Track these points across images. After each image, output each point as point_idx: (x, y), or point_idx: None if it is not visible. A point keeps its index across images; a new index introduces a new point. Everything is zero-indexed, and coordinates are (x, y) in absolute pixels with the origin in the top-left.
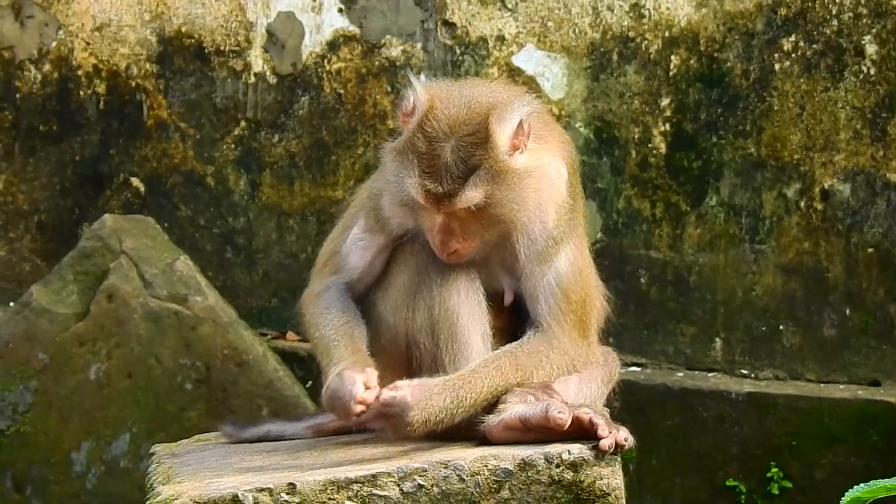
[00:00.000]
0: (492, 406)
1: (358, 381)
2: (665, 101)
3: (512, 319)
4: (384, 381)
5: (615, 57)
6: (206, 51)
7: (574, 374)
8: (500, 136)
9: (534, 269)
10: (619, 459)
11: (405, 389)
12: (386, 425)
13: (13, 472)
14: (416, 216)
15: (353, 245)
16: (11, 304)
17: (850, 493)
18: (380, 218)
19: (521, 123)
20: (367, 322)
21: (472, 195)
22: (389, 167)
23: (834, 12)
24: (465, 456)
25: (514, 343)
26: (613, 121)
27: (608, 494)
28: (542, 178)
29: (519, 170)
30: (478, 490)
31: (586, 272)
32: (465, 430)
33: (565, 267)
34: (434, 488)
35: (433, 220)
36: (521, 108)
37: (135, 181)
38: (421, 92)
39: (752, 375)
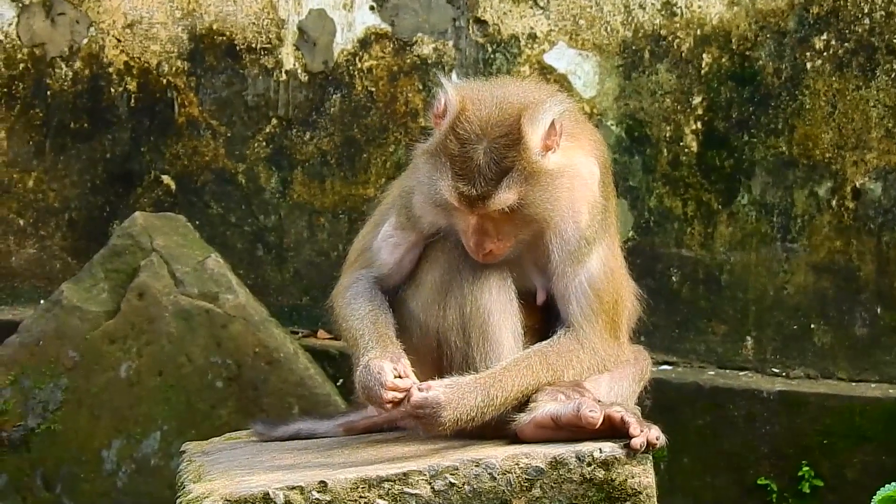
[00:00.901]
0: (523, 404)
1: (386, 368)
2: (697, 100)
3: (544, 318)
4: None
5: (647, 55)
6: (238, 48)
7: (605, 373)
8: (533, 138)
9: (566, 269)
10: (651, 458)
11: (437, 389)
12: (418, 424)
13: (43, 470)
14: (450, 217)
15: (383, 241)
16: (42, 301)
17: (882, 492)
18: (411, 216)
19: (552, 124)
20: (397, 320)
21: (505, 197)
22: (422, 169)
23: (866, 10)
24: (497, 454)
25: (544, 342)
26: (645, 119)
27: (639, 493)
28: (575, 178)
29: (551, 170)
30: (509, 488)
31: (618, 273)
32: (496, 429)
33: (597, 268)
34: (465, 486)
35: (467, 222)
36: (553, 108)
37: (166, 179)
38: (452, 93)
39: (784, 374)
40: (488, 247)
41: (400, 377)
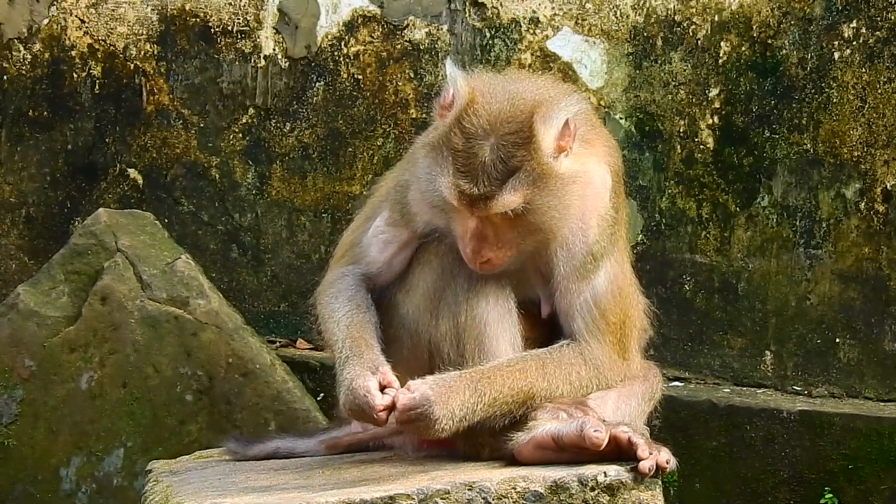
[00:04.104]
0: (521, 423)
1: (371, 387)
2: (713, 92)
3: (548, 332)
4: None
5: (659, 42)
6: (212, 31)
7: (612, 390)
8: (544, 137)
9: (570, 285)
10: (660, 483)
11: (423, 386)
12: (410, 429)
13: None
14: (448, 219)
15: (374, 237)
16: None
17: None
18: (405, 212)
19: (567, 124)
20: (386, 327)
21: (509, 199)
22: (421, 164)
23: None
24: (492, 477)
25: (543, 349)
26: (657, 112)
27: None
28: (587, 186)
29: (563, 174)
30: None
31: (627, 290)
32: (492, 449)
33: (604, 285)
34: None
35: (466, 225)
36: (569, 108)
37: (132, 173)
38: (461, 84)
39: (806, 392)
40: (486, 255)
41: (384, 387)
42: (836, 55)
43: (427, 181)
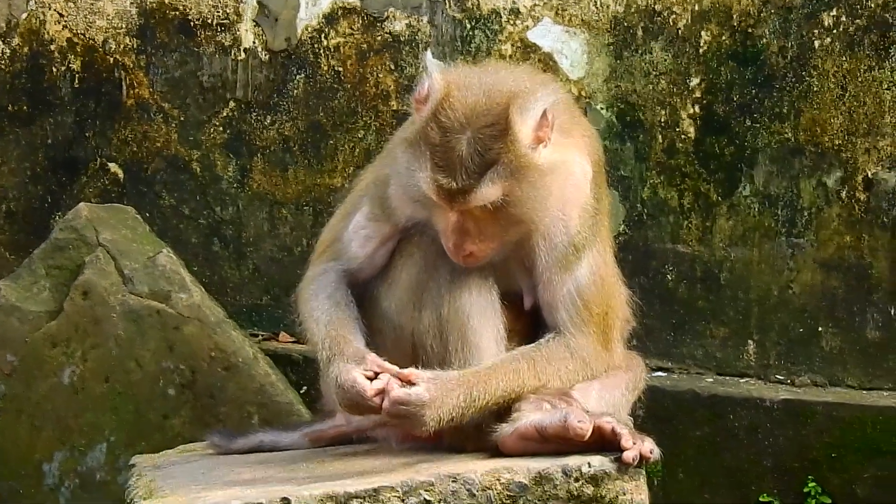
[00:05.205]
0: (504, 413)
1: (358, 379)
2: (694, 81)
3: (532, 322)
4: None
5: (640, 32)
6: (192, 24)
7: (595, 381)
8: (522, 128)
9: (553, 276)
10: (644, 473)
11: (420, 386)
12: (396, 421)
13: None
14: (429, 213)
15: (355, 233)
16: None
17: None
18: (386, 207)
19: (544, 114)
20: (369, 321)
21: (488, 192)
22: (400, 159)
23: None
24: (476, 468)
25: (532, 345)
26: (638, 102)
27: None
28: (568, 177)
29: (541, 165)
30: None
31: (609, 281)
32: (476, 441)
33: (586, 276)
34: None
35: (447, 219)
36: (546, 98)
37: (113, 167)
38: (437, 77)
39: (789, 381)
40: (469, 248)
41: (372, 377)
42: (817, 43)
43: (406, 177)
